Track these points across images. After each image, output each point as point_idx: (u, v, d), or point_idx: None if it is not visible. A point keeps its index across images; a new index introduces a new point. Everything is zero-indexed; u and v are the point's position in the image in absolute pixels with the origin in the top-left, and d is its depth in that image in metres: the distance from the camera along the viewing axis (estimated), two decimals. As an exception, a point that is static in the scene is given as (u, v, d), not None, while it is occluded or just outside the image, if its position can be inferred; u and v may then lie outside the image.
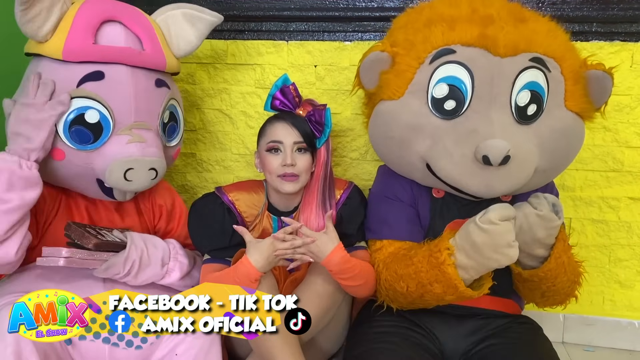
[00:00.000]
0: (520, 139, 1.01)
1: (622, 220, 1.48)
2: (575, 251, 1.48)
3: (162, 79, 1.19)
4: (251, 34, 1.55)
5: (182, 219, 1.30)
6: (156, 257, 1.12)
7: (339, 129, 1.55)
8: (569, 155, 1.12)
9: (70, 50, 1.05)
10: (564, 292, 1.09)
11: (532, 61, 1.02)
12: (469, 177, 1.02)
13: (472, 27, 1.02)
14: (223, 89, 1.59)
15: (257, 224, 1.24)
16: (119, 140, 1.09)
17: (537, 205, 0.99)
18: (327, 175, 1.23)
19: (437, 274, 0.99)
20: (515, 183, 1.03)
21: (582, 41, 1.40)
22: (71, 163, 1.08)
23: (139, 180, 1.11)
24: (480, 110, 1.03)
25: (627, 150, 1.45)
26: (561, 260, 1.02)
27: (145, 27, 1.16)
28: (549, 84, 1.03)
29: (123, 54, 1.10)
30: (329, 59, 1.52)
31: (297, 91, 1.26)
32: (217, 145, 1.63)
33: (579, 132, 1.09)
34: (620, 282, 1.52)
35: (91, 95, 1.07)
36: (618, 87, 1.41)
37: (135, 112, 1.11)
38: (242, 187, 1.27)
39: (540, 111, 1.04)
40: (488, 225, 0.93)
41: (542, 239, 1.00)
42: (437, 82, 1.05)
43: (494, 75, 1.01)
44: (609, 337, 1.53)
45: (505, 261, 0.95)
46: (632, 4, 1.36)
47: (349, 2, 1.47)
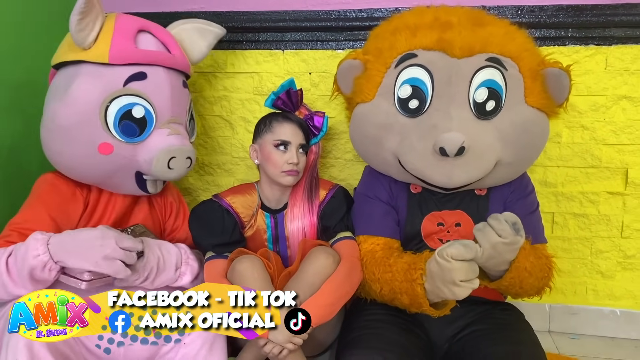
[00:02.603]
0: (478, 132, 1.08)
1: (602, 213, 1.56)
2: (558, 244, 1.58)
3: (185, 80, 1.33)
4: (249, 44, 1.63)
5: (186, 218, 1.38)
6: (170, 262, 1.18)
7: (333, 132, 1.63)
8: (533, 149, 1.16)
9: (116, 54, 1.16)
10: (534, 290, 1.15)
11: (488, 61, 1.09)
12: (432, 168, 1.10)
13: (432, 32, 1.12)
14: (223, 96, 1.68)
15: (253, 222, 1.34)
16: (161, 133, 1.21)
17: (501, 233, 0.98)
18: (313, 173, 1.35)
19: (408, 287, 1.07)
20: (474, 173, 1.09)
21: (560, 46, 1.48)
22: (118, 156, 1.17)
23: (179, 167, 1.23)
24: (440, 108, 1.10)
25: (604, 148, 1.52)
26: (522, 266, 1.06)
27: (169, 36, 1.30)
28: (506, 82, 1.10)
29: (160, 56, 1.24)
30: (322, 67, 1.60)
31: (302, 97, 1.37)
32: (218, 150, 1.71)
33: (541, 126, 1.14)
34: (602, 272, 1.59)
35: (138, 93, 1.18)
36: (594, 88, 1.50)
37: (172, 107, 1.24)
38: (236, 191, 1.36)
39: (500, 107, 1.11)
40: (441, 260, 0.98)
41: (510, 258, 1.05)
42: (402, 84, 1.14)
43: (451, 75, 1.10)
44: (593, 325, 1.60)
45: (451, 296, 1.00)
46: (605, 10, 1.44)
47: (340, 13, 1.55)
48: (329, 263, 1.18)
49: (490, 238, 0.98)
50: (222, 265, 1.23)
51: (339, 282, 1.17)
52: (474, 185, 1.15)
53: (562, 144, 1.54)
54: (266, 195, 1.35)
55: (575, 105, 1.51)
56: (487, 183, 1.17)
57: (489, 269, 1.07)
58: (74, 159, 1.18)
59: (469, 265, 0.98)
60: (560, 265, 1.60)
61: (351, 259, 1.22)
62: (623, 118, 1.50)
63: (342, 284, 1.17)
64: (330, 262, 1.18)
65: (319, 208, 1.34)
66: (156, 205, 1.37)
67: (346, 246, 1.26)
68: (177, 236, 1.39)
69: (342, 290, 1.17)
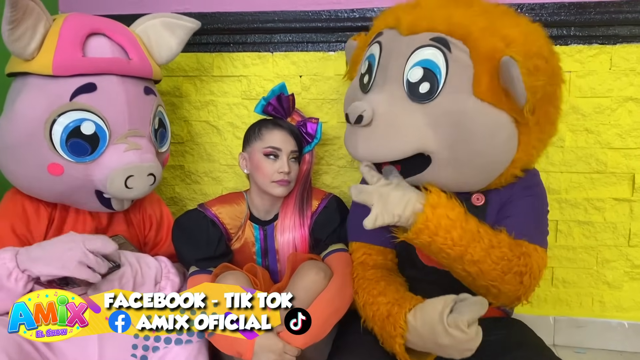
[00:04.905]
0: (398, 110, 1.00)
1: (608, 221, 1.49)
2: (563, 253, 1.53)
3: (149, 86, 1.22)
4: (236, 47, 1.57)
5: (170, 229, 1.30)
6: (149, 277, 1.13)
7: (325, 137, 1.56)
8: (472, 148, 0.99)
9: (60, 65, 1.06)
10: (486, 277, 1.00)
11: (433, 40, 1.00)
12: (347, 137, 1.08)
13: (397, 12, 1.08)
14: (210, 100, 1.61)
15: (240, 234, 1.27)
16: (117, 149, 1.11)
17: (370, 179, 1.01)
18: (306, 183, 1.28)
19: (386, 338, 1.00)
20: (381, 149, 1.01)
21: (562, 45, 1.42)
22: (70, 177, 1.09)
23: (139, 186, 1.12)
24: (379, 84, 1.06)
25: (609, 152, 1.46)
26: (442, 214, 0.96)
27: (128, 37, 1.18)
28: (448, 65, 0.99)
29: (112, 64, 1.12)
30: (313, 69, 1.54)
31: (294, 102, 1.31)
32: (205, 157, 1.64)
33: (485, 125, 0.97)
34: (609, 283, 1.52)
35: (85, 107, 1.08)
36: (598, 89, 1.43)
37: (129, 120, 1.13)
38: (223, 200, 1.29)
39: (435, 91, 0.99)
40: (457, 332, 0.87)
41: (399, 203, 0.98)
42: (364, 60, 1.13)
43: (392, 51, 1.04)
44: (600, 339, 1.53)
45: (457, 356, 0.92)
46: (609, 7, 1.38)
47: (331, 13, 1.49)
48: (319, 279, 1.12)
49: (369, 188, 0.98)
50: (205, 281, 1.16)
51: (329, 298, 1.10)
52: (415, 182, 1.05)
53: (566, 148, 1.48)
54: (256, 205, 1.28)
55: (579, 107, 1.45)
56: (432, 183, 1.05)
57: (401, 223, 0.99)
58: (26, 179, 1.11)
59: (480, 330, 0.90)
60: (565, 276, 1.54)
61: (343, 273, 1.15)
62: (629, 121, 1.43)
63: (332, 301, 1.10)
64: (320, 278, 1.12)
65: (310, 219, 1.27)
66: (134, 219, 1.29)
67: (338, 259, 1.19)
68: (160, 251, 1.32)
69: (333, 307, 1.10)
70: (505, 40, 0.95)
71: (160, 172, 1.19)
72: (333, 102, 1.54)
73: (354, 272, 1.14)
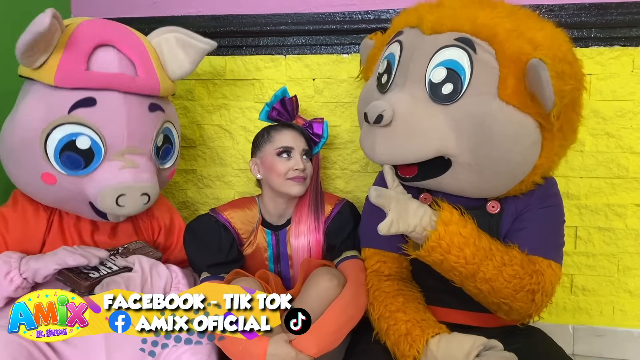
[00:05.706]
0: (420, 110, 0.98)
1: (630, 227, 1.45)
2: (582, 260, 1.49)
3: (156, 103, 1.17)
4: (249, 50, 1.55)
5: (181, 234, 1.29)
6: (158, 287, 1.12)
7: (339, 141, 1.55)
8: (495, 153, 0.96)
9: (61, 77, 1.04)
10: (498, 294, 1.00)
11: (457, 40, 0.97)
12: (362, 137, 1.06)
13: (420, 11, 1.06)
14: (222, 104, 1.60)
15: (252, 240, 1.25)
16: (112, 165, 1.08)
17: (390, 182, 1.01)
18: (317, 185, 1.26)
19: (400, 356, 0.99)
20: (400, 151, 0.99)
21: (582, 47, 1.38)
22: (62, 187, 1.08)
23: (131, 205, 1.10)
24: (399, 83, 1.03)
25: (631, 157, 1.42)
26: (454, 231, 0.97)
27: (139, 51, 1.14)
28: (473, 66, 0.96)
29: (115, 80, 1.08)
30: (327, 72, 1.52)
31: (297, 103, 1.30)
32: (217, 161, 1.63)
33: (510, 128, 0.94)
34: (630, 291, 1.48)
35: (82, 122, 1.05)
36: (620, 92, 1.40)
37: (128, 137, 1.10)
38: (235, 205, 1.28)
39: (459, 93, 0.97)
40: None
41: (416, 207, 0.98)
42: (382, 59, 1.10)
43: (414, 50, 1.01)
44: (620, 348, 1.49)
45: None
46: (631, 8, 1.34)
47: (345, 15, 1.47)
48: (332, 286, 1.10)
49: (389, 193, 0.97)
50: None
51: (343, 306, 1.08)
52: (432, 185, 1.04)
53: (586, 152, 1.44)
54: (268, 210, 1.26)
55: (600, 111, 1.41)
56: (450, 187, 1.04)
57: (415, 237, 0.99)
58: (24, 181, 1.11)
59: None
60: (585, 284, 1.50)
61: (357, 281, 1.12)
62: (652, 124, 1.39)
63: (346, 309, 1.08)
64: (334, 285, 1.10)
65: (324, 224, 1.24)
66: (141, 224, 1.27)
67: (352, 267, 1.17)
68: (171, 256, 1.30)
69: (347, 315, 1.08)
70: (532, 43, 0.92)
71: (157, 192, 1.16)
72: (346, 106, 1.52)
73: (368, 282, 1.12)
